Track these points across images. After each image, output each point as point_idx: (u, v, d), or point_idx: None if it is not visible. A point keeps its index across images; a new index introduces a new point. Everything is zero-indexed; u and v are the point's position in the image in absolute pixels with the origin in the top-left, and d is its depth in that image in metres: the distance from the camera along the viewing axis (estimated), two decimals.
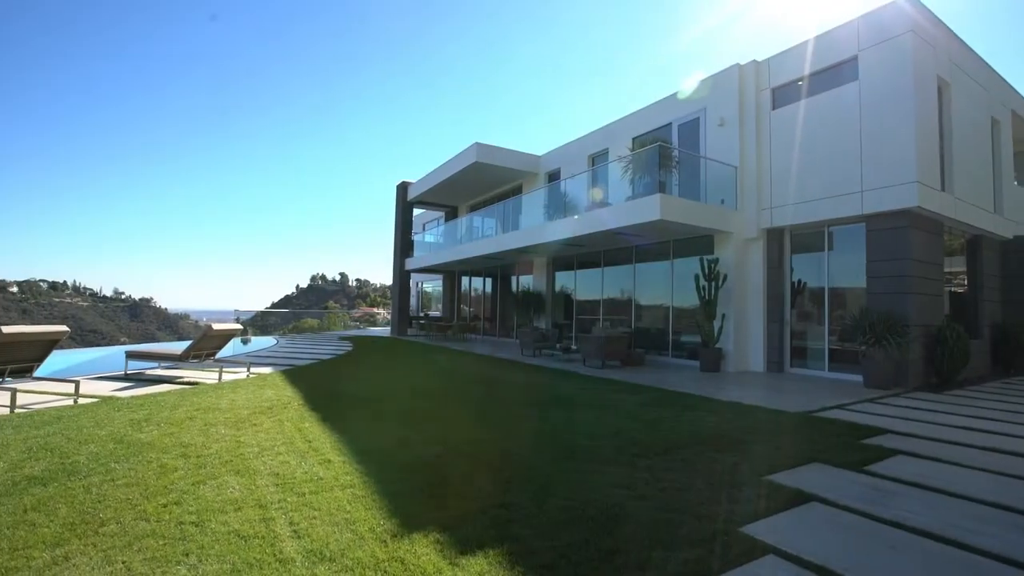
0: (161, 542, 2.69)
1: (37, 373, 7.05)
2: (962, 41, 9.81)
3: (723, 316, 10.33)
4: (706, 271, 10.28)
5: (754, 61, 10.65)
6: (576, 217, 11.79)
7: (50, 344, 6.89)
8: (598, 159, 14.66)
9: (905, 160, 8.23)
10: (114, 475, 3.67)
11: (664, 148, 10.64)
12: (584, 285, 15.08)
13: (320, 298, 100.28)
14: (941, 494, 3.52)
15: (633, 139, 13.09)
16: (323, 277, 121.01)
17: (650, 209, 9.41)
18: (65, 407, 5.99)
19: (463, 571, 2.44)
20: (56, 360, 9.10)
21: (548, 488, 3.52)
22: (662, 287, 12.27)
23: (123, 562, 2.49)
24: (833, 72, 9.44)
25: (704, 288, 10.27)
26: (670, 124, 12.27)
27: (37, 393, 6.77)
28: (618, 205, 10.66)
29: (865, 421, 5.78)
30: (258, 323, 26.85)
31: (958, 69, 9.60)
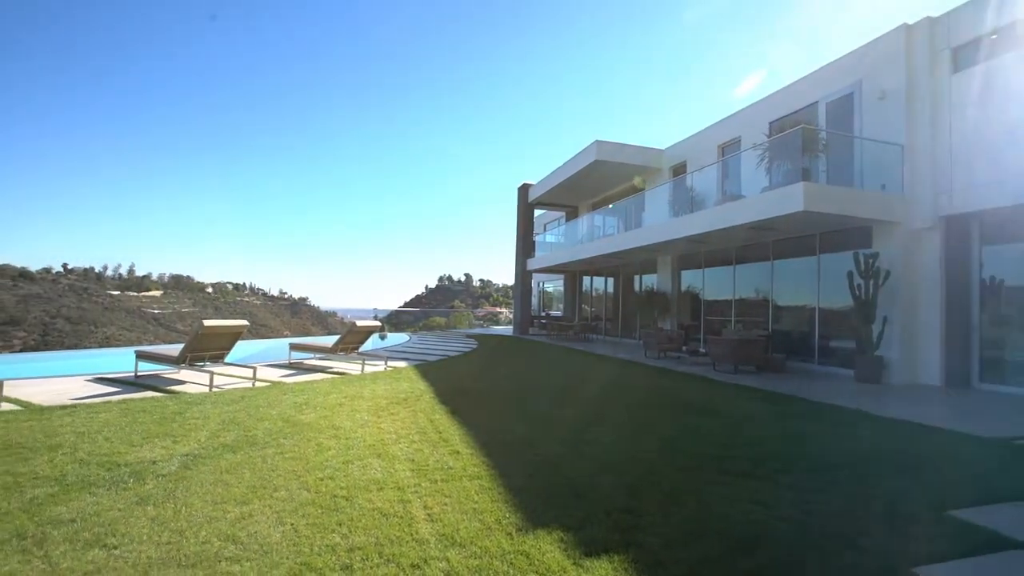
0: (319, 511, 3.06)
1: (227, 360, 8.49)
2: None
3: (884, 319, 8.92)
4: (862, 267, 8.97)
5: (927, 18, 9.03)
6: (704, 212, 11.07)
7: (236, 336, 8.25)
8: (728, 149, 13.59)
9: None
10: (283, 449, 4.28)
11: (808, 130, 9.48)
12: (713, 284, 14.08)
13: (447, 297, 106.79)
14: None
15: (770, 124, 11.91)
16: (449, 278, 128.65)
17: (792, 199, 8.47)
18: (246, 388, 7.14)
19: (588, 573, 2.42)
20: (239, 349, 10.86)
21: (675, 497, 3.34)
22: (806, 286, 10.98)
23: (291, 524, 2.89)
24: None
25: (860, 287, 8.97)
26: (815, 103, 10.93)
27: (226, 376, 8.16)
28: (753, 197, 9.77)
29: None
30: (393, 320, 29.40)
31: None
